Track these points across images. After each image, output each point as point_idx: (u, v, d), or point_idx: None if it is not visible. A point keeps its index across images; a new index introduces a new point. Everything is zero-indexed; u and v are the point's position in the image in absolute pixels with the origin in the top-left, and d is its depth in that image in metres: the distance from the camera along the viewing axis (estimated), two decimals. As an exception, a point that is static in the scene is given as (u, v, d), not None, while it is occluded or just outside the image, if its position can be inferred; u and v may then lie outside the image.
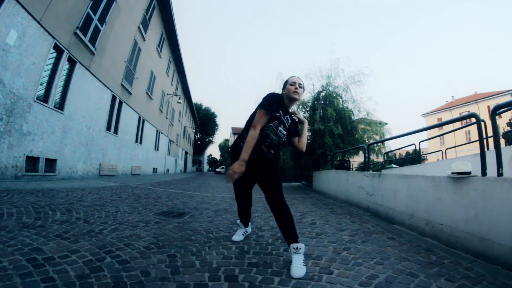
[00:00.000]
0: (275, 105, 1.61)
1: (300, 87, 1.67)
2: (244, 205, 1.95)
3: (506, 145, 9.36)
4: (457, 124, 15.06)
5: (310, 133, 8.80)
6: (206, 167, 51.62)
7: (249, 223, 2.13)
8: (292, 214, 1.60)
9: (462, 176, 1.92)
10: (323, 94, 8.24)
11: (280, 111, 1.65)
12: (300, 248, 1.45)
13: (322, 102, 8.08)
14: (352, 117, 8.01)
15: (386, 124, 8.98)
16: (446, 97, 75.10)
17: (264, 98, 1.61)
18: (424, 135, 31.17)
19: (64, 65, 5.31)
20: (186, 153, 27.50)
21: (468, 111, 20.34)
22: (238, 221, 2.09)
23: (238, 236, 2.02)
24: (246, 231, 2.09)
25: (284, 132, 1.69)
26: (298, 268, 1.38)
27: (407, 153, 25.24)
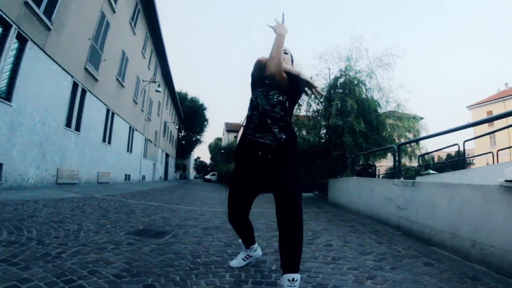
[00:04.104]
0: None
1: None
2: (236, 217, 1.84)
3: None
4: (512, 119, 15.08)
5: (325, 131, 8.80)
6: (192, 173, 51.69)
7: (255, 245, 2.00)
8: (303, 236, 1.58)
9: (518, 185, 1.93)
10: (341, 80, 8.25)
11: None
12: (296, 280, 1.45)
13: (340, 91, 8.09)
14: (379, 110, 8.02)
15: (421, 118, 8.99)
16: (497, 84, 75.31)
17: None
18: (470, 132, 31.16)
19: (12, 44, 5.32)
20: (167, 155, 27.58)
21: (526, 102, 20.35)
22: (240, 240, 2.00)
23: (236, 261, 1.97)
24: (249, 255, 1.99)
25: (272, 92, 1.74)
26: None
27: (448, 155, 25.29)
